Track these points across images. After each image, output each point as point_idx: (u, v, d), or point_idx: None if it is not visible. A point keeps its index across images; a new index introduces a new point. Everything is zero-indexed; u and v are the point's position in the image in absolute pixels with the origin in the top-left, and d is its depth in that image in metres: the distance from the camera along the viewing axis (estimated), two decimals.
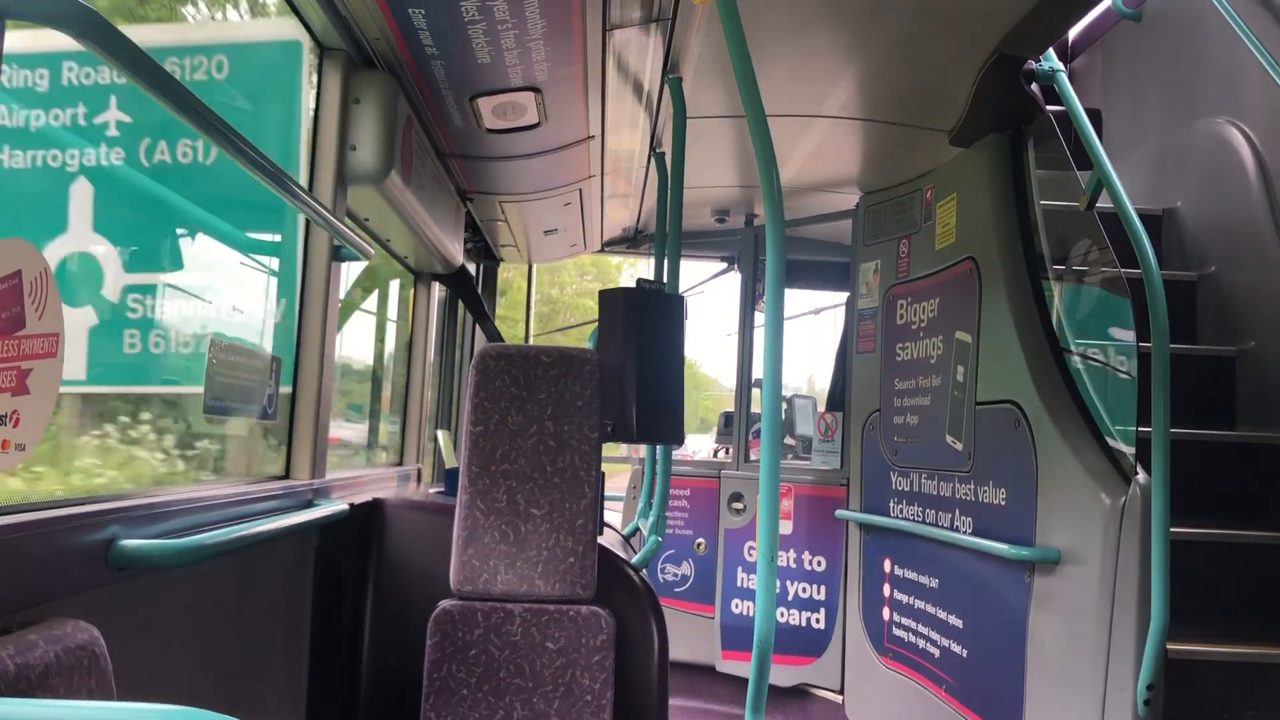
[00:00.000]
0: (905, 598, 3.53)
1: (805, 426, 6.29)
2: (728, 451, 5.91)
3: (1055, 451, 2.64)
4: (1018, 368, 2.83)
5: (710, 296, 6.37)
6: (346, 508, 2.18)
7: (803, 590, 4.23)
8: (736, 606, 4.40)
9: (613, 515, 4.37)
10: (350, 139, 2.30)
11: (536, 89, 2.61)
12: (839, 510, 4.08)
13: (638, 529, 3.60)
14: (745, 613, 4.37)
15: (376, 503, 2.31)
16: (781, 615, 4.23)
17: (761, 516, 1.82)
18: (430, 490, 3.67)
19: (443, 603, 2.02)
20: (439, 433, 3.91)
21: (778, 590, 4.19)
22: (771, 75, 2.77)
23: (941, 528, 3.24)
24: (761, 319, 4.52)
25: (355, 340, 3.73)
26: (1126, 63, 4.27)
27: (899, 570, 3.60)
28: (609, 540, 2.63)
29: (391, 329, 3.98)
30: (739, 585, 4.40)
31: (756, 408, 4.67)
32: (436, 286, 3.78)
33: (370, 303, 3.90)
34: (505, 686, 1.99)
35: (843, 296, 4.56)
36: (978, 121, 3.04)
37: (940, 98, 2.99)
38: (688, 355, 2.79)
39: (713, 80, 2.84)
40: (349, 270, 2.61)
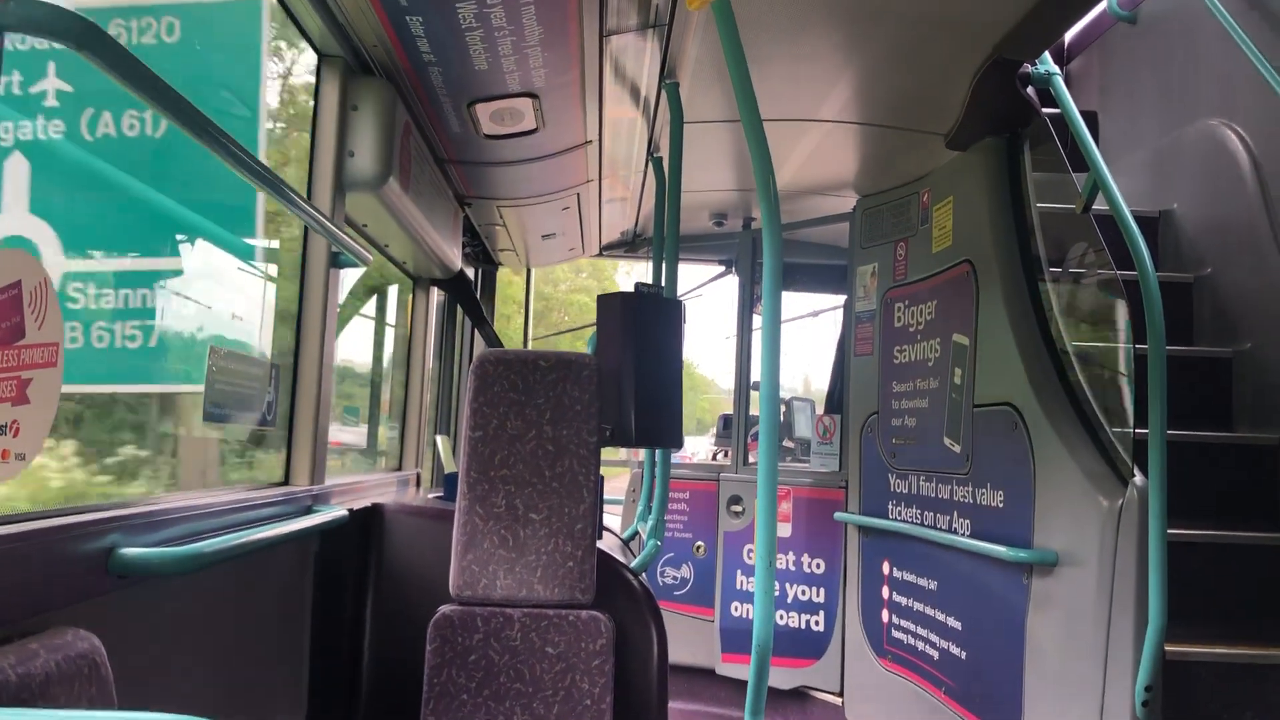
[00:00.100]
0: (904, 600, 3.54)
1: (804, 429, 6.30)
2: (726, 454, 5.91)
3: (1053, 453, 2.64)
4: (1015, 370, 2.84)
5: (708, 299, 6.39)
6: (346, 513, 2.18)
7: (802, 593, 4.24)
8: (736, 609, 4.40)
9: (612, 519, 4.37)
10: (348, 145, 2.31)
11: (534, 95, 2.62)
12: (838, 513, 4.08)
13: (637, 533, 3.60)
14: (744, 615, 4.37)
15: (376, 508, 2.32)
16: (781, 618, 4.24)
17: (760, 519, 1.83)
18: (429, 495, 3.67)
19: (442, 608, 2.02)
20: (438, 438, 3.91)
21: (777, 593, 4.20)
22: (768, 79, 2.78)
23: (940, 530, 3.25)
24: (759, 322, 4.53)
25: (354, 345, 3.74)
26: (1122, 65, 4.28)
27: (898, 572, 3.61)
28: (608, 544, 2.63)
29: (390, 334, 3.98)
30: (738, 588, 4.40)
31: (755, 410, 4.67)
32: (435, 291, 3.78)
33: (369, 308, 3.90)
34: (505, 691, 1.99)
35: (840, 299, 4.57)
36: (974, 125, 3.05)
37: (936, 101, 3.00)
38: (685, 356, 2.79)
39: (710, 85, 2.84)
40: (347, 275, 2.61)
